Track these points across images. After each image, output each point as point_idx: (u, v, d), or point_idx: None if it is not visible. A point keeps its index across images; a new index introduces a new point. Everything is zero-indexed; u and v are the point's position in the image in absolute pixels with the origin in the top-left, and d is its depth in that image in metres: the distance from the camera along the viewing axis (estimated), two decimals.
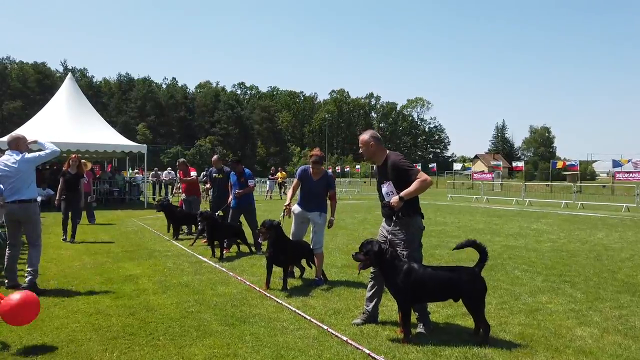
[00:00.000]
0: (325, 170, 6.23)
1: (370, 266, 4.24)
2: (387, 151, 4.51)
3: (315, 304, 5.09)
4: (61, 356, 3.68)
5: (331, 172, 6.49)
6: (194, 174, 10.82)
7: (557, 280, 6.37)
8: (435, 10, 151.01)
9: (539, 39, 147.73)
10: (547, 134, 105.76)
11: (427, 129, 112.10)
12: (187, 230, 10.75)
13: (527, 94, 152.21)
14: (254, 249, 8.40)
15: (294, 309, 4.86)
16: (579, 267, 7.29)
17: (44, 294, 5.22)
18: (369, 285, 4.55)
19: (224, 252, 7.84)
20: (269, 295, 5.41)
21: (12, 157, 5.52)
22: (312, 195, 6.10)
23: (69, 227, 9.43)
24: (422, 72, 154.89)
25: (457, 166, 49.58)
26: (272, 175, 27.59)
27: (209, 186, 9.75)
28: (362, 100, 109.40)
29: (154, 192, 23.26)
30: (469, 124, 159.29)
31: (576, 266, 7.34)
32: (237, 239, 8.39)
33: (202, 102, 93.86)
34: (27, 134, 6.05)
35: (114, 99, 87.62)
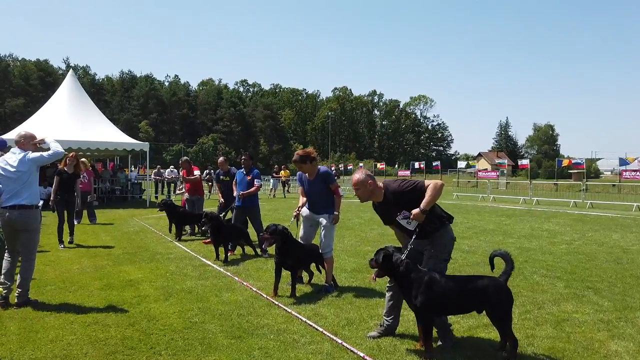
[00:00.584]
0: (318, 167, 5.86)
1: (384, 276, 3.92)
2: (381, 185, 4.18)
3: (326, 313, 4.78)
4: None
5: (325, 167, 6.09)
6: (197, 173, 10.52)
7: (579, 286, 6.05)
8: (438, 7, 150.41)
9: (541, 36, 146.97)
10: (550, 132, 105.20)
11: (430, 127, 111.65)
12: (190, 230, 10.46)
13: (531, 91, 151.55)
14: (259, 251, 8.10)
15: (304, 319, 4.56)
16: (600, 271, 6.97)
17: (37, 306, 4.89)
18: (387, 295, 4.24)
19: (228, 254, 7.54)
20: (277, 302, 5.11)
21: (14, 156, 5.02)
22: (315, 196, 5.78)
23: (65, 232, 8.92)
24: (425, 70, 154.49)
25: (461, 164, 49.18)
26: (276, 173, 27.29)
27: (214, 184, 9.51)
28: (365, 97, 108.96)
29: (157, 191, 22.98)
30: (471, 122, 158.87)
31: (597, 270, 7.01)
32: (242, 241, 8.09)
33: (204, 100, 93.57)
34: (36, 132, 5.47)
35: (116, 97, 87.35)
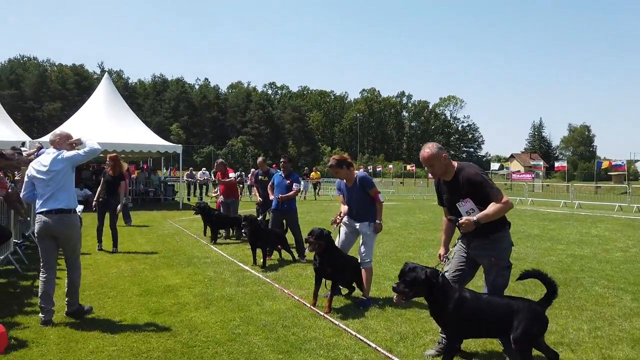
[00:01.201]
0: (355, 173, 5.53)
1: (415, 297, 3.51)
2: (455, 164, 3.84)
3: (376, 327, 4.47)
4: None
5: (363, 172, 5.76)
6: (232, 175, 10.37)
7: None
8: (467, 7, 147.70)
9: (575, 34, 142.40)
10: (586, 133, 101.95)
11: (460, 128, 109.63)
12: (225, 234, 10.31)
13: (566, 91, 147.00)
14: (296, 255, 7.85)
15: (354, 333, 4.26)
16: None
17: (90, 312, 4.73)
18: None
19: (266, 259, 7.32)
20: (321, 313, 4.83)
21: (47, 157, 4.59)
22: (354, 203, 5.45)
23: (107, 235, 8.69)
24: (455, 70, 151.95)
25: (494, 166, 48.00)
26: (307, 175, 27.10)
27: (252, 185, 9.32)
28: (394, 99, 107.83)
29: (189, 193, 23.12)
30: (503, 123, 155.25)
31: None
32: (279, 245, 7.86)
33: (234, 103, 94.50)
34: (72, 131, 5.15)
35: (148, 100, 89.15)
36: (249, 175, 27.06)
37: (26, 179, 4.67)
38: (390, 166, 64.70)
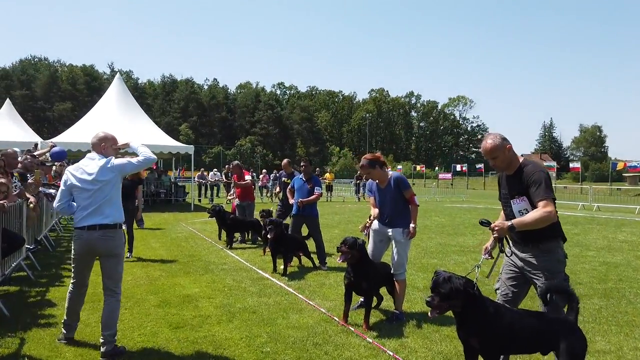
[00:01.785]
0: (390, 173, 5.18)
1: (450, 310, 3.09)
2: (521, 157, 3.51)
3: (414, 346, 4.14)
4: None
5: (399, 173, 5.37)
6: (248, 177, 10.05)
7: None
8: (476, 6, 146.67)
9: (585, 33, 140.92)
10: (598, 133, 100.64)
11: (469, 128, 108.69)
12: (241, 238, 10.02)
13: (576, 91, 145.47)
14: (317, 262, 7.55)
15: (391, 353, 3.94)
16: None
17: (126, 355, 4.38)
18: None
19: (287, 266, 7.02)
20: (352, 329, 4.51)
21: (92, 163, 3.92)
22: (387, 207, 5.04)
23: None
24: (465, 70, 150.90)
25: None
26: (319, 176, 26.80)
27: (278, 190, 9.05)
28: (402, 99, 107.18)
29: (200, 194, 22.90)
30: (513, 123, 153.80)
31: None
32: (300, 252, 7.56)
33: (242, 103, 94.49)
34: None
35: (157, 100, 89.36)
36: (261, 176, 26.94)
37: (62, 187, 3.98)
38: (399, 167, 64.23)
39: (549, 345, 3.02)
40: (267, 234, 6.94)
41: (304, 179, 7.66)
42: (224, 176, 23.29)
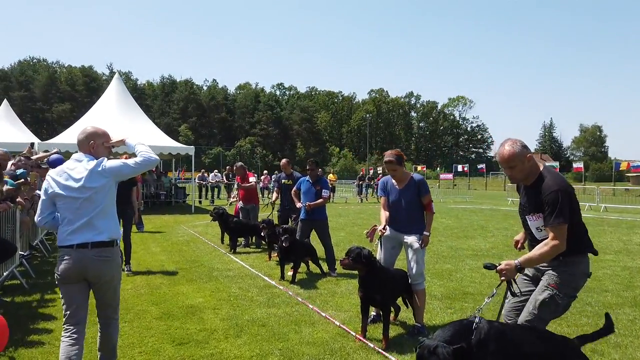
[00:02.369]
0: (410, 173, 4.80)
1: None
2: (541, 165, 3.15)
3: None
4: None
5: (421, 176, 4.98)
6: (252, 179, 9.68)
7: None
8: (476, 5, 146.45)
9: (585, 33, 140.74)
10: (598, 133, 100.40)
11: (469, 128, 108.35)
12: (244, 242, 9.66)
13: (577, 91, 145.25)
14: (326, 269, 7.19)
15: None
16: None
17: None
18: None
19: (296, 274, 6.66)
20: (372, 345, 4.15)
21: (79, 166, 3.13)
22: (401, 210, 4.64)
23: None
24: (464, 70, 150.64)
25: None
26: None
27: (276, 196, 8.63)
28: (402, 99, 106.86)
29: (200, 195, 22.53)
30: (513, 123, 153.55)
31: None
32: (309, 259, 7.20)
33: (242, 103, 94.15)
34: (111, 131, 3.59)
35: (157, 101, 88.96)
36: (262, 177, 26.55)
37: (43, 197, 3.14)
38: None
39: None
40: (282, 243, 6.54)
41: (310, 181, 7.30)
42: (224, 177, 22.93)
